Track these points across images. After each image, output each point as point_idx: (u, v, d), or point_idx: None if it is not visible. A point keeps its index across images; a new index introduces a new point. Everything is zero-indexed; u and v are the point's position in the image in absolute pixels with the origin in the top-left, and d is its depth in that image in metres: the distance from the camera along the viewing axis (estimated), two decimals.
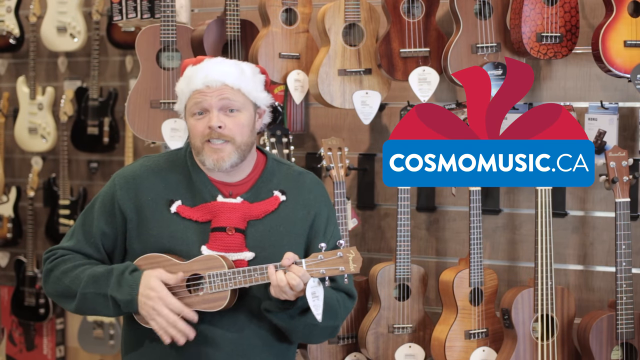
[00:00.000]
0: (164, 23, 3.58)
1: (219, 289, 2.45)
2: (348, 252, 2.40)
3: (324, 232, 2.63)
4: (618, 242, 3.26)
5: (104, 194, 2.62)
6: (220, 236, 2.52)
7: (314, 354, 3.58)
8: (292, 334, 2.57)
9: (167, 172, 2.60)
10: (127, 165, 2.69)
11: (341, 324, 2.65)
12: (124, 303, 2.47)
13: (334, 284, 2.57)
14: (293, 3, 3.61)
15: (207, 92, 2.51)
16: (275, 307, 2.48)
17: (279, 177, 2.64)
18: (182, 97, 2.59)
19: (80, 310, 2.57)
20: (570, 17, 3.40)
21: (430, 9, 3.51)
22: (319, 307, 2.41)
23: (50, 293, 2.61)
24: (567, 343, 3.39)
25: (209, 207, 2.54)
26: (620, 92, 3.57)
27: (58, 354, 5.18)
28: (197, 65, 2.57)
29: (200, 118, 2.53)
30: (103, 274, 2.50)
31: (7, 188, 5.24)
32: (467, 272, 3.45)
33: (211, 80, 2.52)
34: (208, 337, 2.51)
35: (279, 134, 3.61)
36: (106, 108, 4.98)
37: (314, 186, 2.68)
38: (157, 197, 2.56)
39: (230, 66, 2.58)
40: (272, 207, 2.58)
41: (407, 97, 3.73)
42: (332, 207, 2.72)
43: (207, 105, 2.51)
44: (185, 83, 2.57)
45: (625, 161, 3.29)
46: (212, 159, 2.52)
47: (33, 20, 4.98)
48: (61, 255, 2.59)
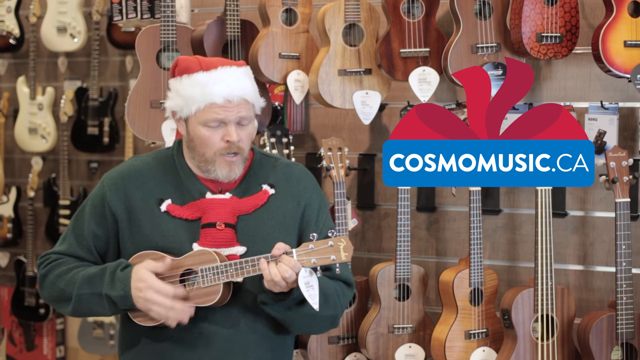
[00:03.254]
0: (164, 23, 3.58)
1: (212, 283, 2.46)
2: (339, 240, 2.39)
3: (316, 221, 2.63)
4: (618, 242, 3.26)
5: (93, 196, 2.63)
6: (210, 232, 2.52)
7: (314, 354, 3.58)
8: (291, 325, 2.56)
9: (156, 172, 2.61)
10: (116, 167, 2.69)
11: (342, 313, 2.64)
12: (119, 300, 2.47)
13: (330, 273, 2.56)
14: (293, 3, 3.61)
15: (228, 106, 2.49)
16: (270, 299, 2.48)
17: (266, 170, 2.64)
18: (191, 104, 2.51)
19: (77, 312, 2.58)
20: (570, 17, 3.40)
21: (430, 9, 3.51)
22: (315, 296, 2.41)
23: (46, 298, 2.62)
24: (567, 343, 3.39)
25: (198, 204, 2.55)
26: (620, 92, 3.57)
27: (58, 354, 5.18)
28: (211, 73, 2.52)
29: (215, 130, 2.51)
30: (96, 274, 2.51)
31: (7, 188, 5.24)
32: (467, 272, 3.45)
33: (233, 96, 2.50)
34: (203, 333, 2.52)
35: (279, 134, 3.61)
36: (106, 108, 4.98)
37: (302, 176, 2.67)
38: (147, 196, 2.56)
39: (246, 79, 2.56)
40: (262, 201, 2.58)
41: (407, 97, 3.73)
42: (323, 196, 2.72)
43: (226, 119, 2.50)
44: (199, 92, 2.50)
45: (625, 161, 3.28)
46: (225, 171, 2.53)
47: (33, 20, 4.98)
48: (54, 260, 2.60)
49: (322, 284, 2.48)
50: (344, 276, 2.62)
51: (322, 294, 2.47)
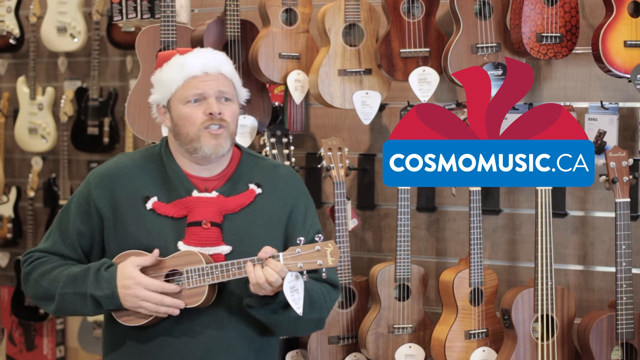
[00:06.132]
0: (164, 23, 3.58)
1: (197, 284, 2.45)
2: (326, 245, 2.38)
3: (303, 224, 2.62)
4: (618, 242, 3.26)
5: (79, 194, 2.62)
6: (196, 231, 2.51)
7: (314, 354, 3.58)
8: (276, 328, 2.55)
9: (142, 169, 2.60)
10: (102, 164, 2.68)
11: (327, 315, 2.63)
12: (104, 299, 2.46)
13: (316, 275, 2.53)
14: (293, 3, 3.61)
15: (205, 79, 2.51)
16: (256, 303, 2.47)
17: (254, 170, 2.63)
18: (171, 84, 2.55)
19: (60, 311, 2.56)
20: (570, 17, 3.40)
21: (430, 9, 3.51)
22: (299, 300, 2.40)
23: (30, 295, 2.61)
24: (567, 343, 3.39)
25: (185, 202, 2.54)
26: (620, 92, 3.57)
27: (58, 354, 5.18)
28: (187, 54, 2.57)
29: (197, 105, 2.52)
30: (80, 273, 2.50)
31: (7, 188, 5.24)
32: (467, 272, 3.45)
33: (209, 67, 2.53)
34: (188, 333, 2.51)
35: (279, 134, 3.61)
36: (106, 108, 4.98)
37: (289, 178, 2.67)
38: (133, 194, 2.55)
39: (223, 56, 2.61)
40: (248, 200, 2.57)
41: (407, 97, 3.73)
42: (310, 198, 2.71)
43: (205, 92, 2.51)
44: (177, 70, 2.54)
45: (625, 161, 3.29)
46: (211, 145, 2.51)
47: (33, 20, 4.98)
48: (38, 258, 2.59)
49: (308, 286, 2.47)
50: (330, 279, 2.61)
51: (308, 297, 2.46)
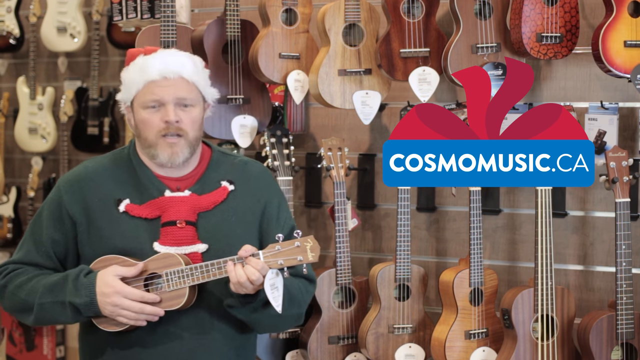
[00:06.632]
0: (164, 23, 3.57)
1: (177, 287, 2.43)
2: (305, 241, 2.38)
3: (277, 219, 2.62)
4: (618, 242, 3.26)
5: (50, 201, 2.59)
6: (171, 230, 2.50)
7: (314, 354, 3.58)
8: (256, 325, 2.56)
9: (112, 172, 2.58)
10: (71, 170, 2.67)
11: (304, 310, 2.64)
12: (83, 307, 2.43)
13: (293, 270, 2.51)
14: (293, 3, 3.61)
15: (163, 84, 2.48)
16: (237, 302, 2.46)
17: (225, 167, 2.63)
18: (132, 86, 2.53)
19: (39, 321, 2.53)
20: (570, 17, 3.40)
21: (430, 9, 3.51)
22: (279, 298, 2.39)
23: (7, 309, 2.59)
24: (567, 343, 3.39)
25: (157, 202, 2.52)
26: (620, 92, 3.57)
27: (58, 354, 5.18)
28: (150, 55, 2.53)
29: (155, 111, 2.50)
30: (58, 282, 2.48)
31: (7, 188, 5.24)
32: (467, 272, 3.45)
33: (169, 72, 2.49)
34: (170, 336, 2.50)
35: (279, 134, 3.61)
36: (106, 108, 4.98)
37: (261, 174, 2.67)
38: (105, 197, 2.53)
39: (185, 57, 2.55)
40: (221, 197, 2.57)
41: (407, 97, 3.73)
42: (282, 194, 2.71)
43: (163, 98, 2.48)
44: (138, 72, 2.51)
45: (625, 161, 3.28)
46: (167, 154, 2.50)
47: (33, 20, 4.98)
48: (12, 270, 2.57)
49: (287, 283, 2.47)
50: (309, 275, 2.60)
51: (288, 294, 2.46)
